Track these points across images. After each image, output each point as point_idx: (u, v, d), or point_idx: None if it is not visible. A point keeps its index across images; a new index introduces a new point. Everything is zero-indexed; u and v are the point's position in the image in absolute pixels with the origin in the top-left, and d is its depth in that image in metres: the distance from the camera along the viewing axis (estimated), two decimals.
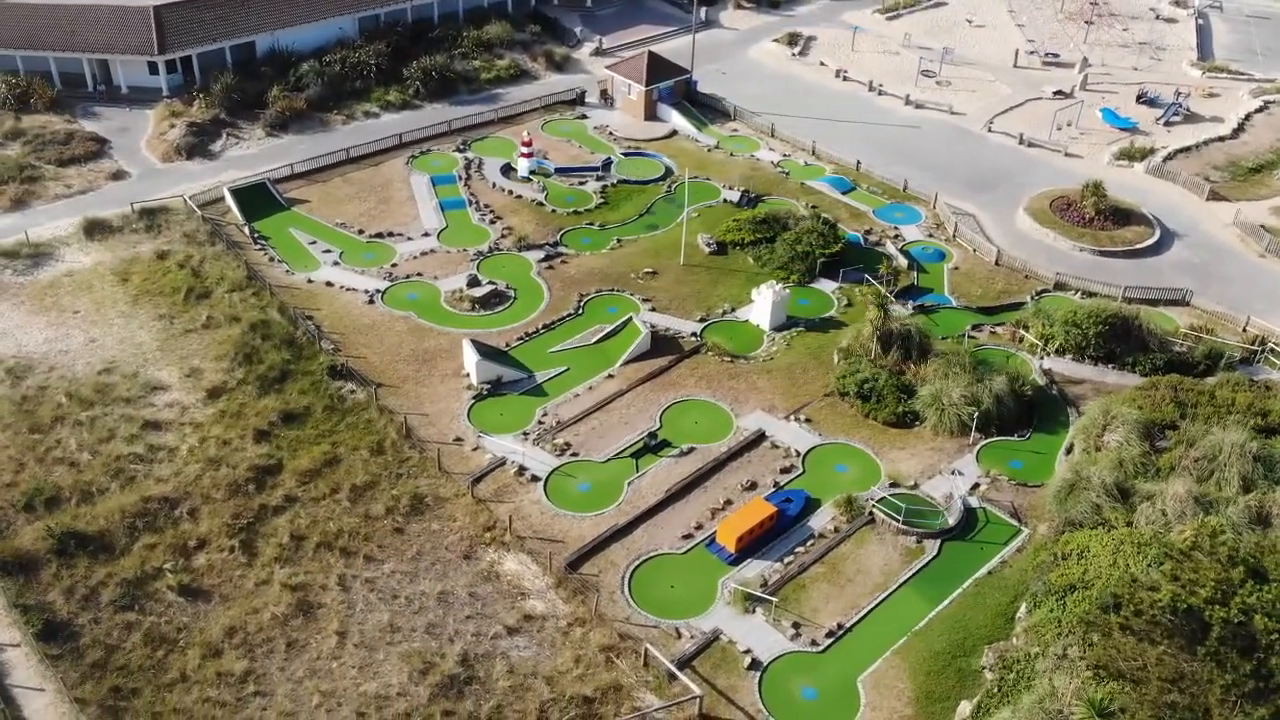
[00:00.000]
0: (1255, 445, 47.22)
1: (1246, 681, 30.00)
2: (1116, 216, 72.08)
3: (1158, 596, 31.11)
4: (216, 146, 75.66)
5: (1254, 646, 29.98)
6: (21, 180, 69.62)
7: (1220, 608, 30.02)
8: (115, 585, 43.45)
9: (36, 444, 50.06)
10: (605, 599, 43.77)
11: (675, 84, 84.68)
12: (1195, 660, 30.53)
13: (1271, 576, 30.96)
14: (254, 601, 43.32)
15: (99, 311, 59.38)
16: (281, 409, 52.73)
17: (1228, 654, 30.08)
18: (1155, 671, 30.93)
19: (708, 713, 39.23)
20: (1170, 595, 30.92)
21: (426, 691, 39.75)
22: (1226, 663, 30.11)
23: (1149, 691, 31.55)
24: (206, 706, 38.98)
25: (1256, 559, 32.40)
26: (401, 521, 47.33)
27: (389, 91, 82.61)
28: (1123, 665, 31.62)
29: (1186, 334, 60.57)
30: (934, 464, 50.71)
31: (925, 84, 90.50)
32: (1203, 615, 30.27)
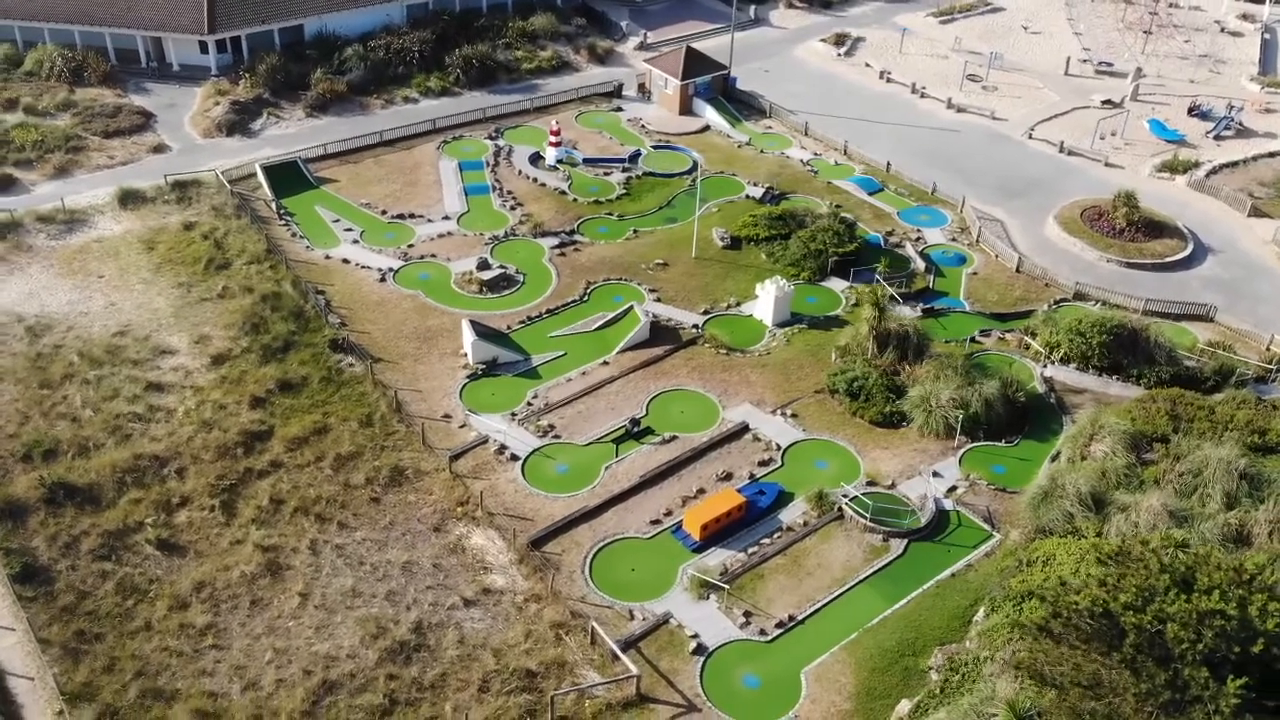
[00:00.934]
0: (1244, 462, 46.00)
1: (1162, 692, 29.40)
2: (1149, 229, 70.52)
3: (1076, 599, 30.63)
4: (256, 125, 77.78)
5: (1171, 656, 29.36)
6: (67, 150, 72.36)
7: (1137, 614, 29.45)
8: (97, 535, 45.13)
9: (44, 399, 52.14)
10: (565, 578, 44.28)
11: (712, 80, 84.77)
12: (1112, 667, 29.99)
13: (1199, 588, 30.26)
14: (226, 559, 44.67)
15: (122, 277, 61.56)
16: (280, 378, 54.17)
17: (1143, 662, 29.51)
18: (1072, 676, 30.46)
19: (646, 693, 39.46)
20: (1089, 599, 30.41)
21: (375, 655, 40.64)
22: (1142, 671, 29.54)
23: (1069, 697, 31.09)
24: (163, 655, 40.33)
25: (1189, 569, 31.67)
26: (379, 492, 48.36)
27: (430, 78, 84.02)
28: (1046, 669, 31.17)
29: (1204, 349, 59.08)
30: (915, 465, 50.28)
31: (970, 88, 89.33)
32: (1119, 621, 29.72)
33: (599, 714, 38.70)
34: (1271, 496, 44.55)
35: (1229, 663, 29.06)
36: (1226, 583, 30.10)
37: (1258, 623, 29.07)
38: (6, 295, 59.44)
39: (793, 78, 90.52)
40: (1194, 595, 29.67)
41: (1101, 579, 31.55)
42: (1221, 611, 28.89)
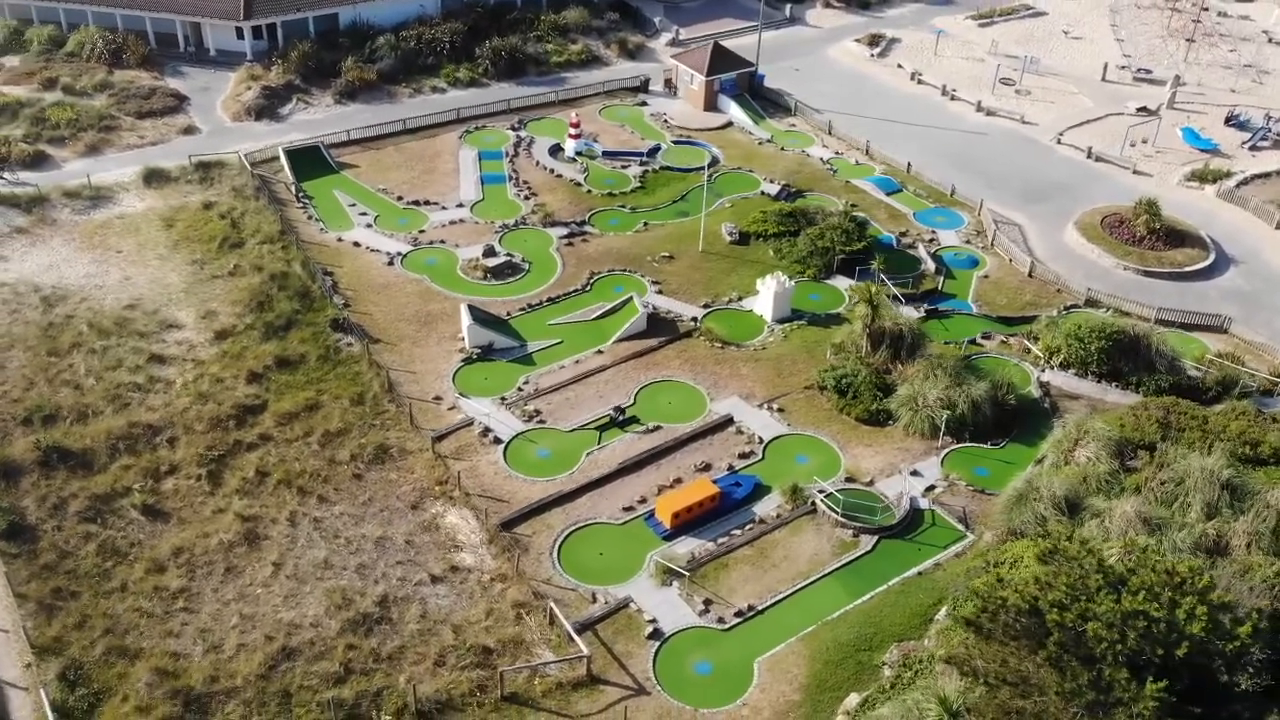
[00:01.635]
0: (1228, 473, 45.15)
1: (1086, 692, 29.11)
2: (1170, 237, 69.35)
3: (1005, 594, 30.43)
4: (285, 110, 79.38)
5: (1095, 656, 29.05)
6: (100, 129, 74.49)
7: (1062, 612, 29.18)
8: (85, 498, 46.53)
9: (50, 366, 53.81)
10: (532, 559, 44.78)
11: (738, 76, 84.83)
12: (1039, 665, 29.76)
13: (1130, 589, 29.87)
14: (207, 527, 45.81)
15: (139, 252, 63.28)
16: (278, 354, 55.35)
17: (1068, 661, 29.23)
18: (999, 673, 30.28)
19: (598, 675, 39.80)
20: (1018, 595, 30.20)
21: (338, 625, 41.45)
22: (1066, 670, 29.27)
23: (999, 694, 30.91)
24: (134, 615, 41.51)
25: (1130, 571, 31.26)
26: (362, 469, 49.24)
27: (459, 69, 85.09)
28: (979, 665, 31.01)
29: (1212, 360, 58.00)
30: (896, 463, 50.05)
31: (1003, 92, 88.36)
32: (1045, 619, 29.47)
33: (549, 692, 39.11)
34: (1253, 508, 43.66)
35: (1153, 665, 28.67)
36: (1158, 585, 29.69)
37: (1185, 626, 28.65)
38: (27, 266, 61.37)
39: (823, 77, 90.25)
40: (1123, 596, 29.29)
41: (1037, 576, 31.27)
42: (1145, 613, 28.52)
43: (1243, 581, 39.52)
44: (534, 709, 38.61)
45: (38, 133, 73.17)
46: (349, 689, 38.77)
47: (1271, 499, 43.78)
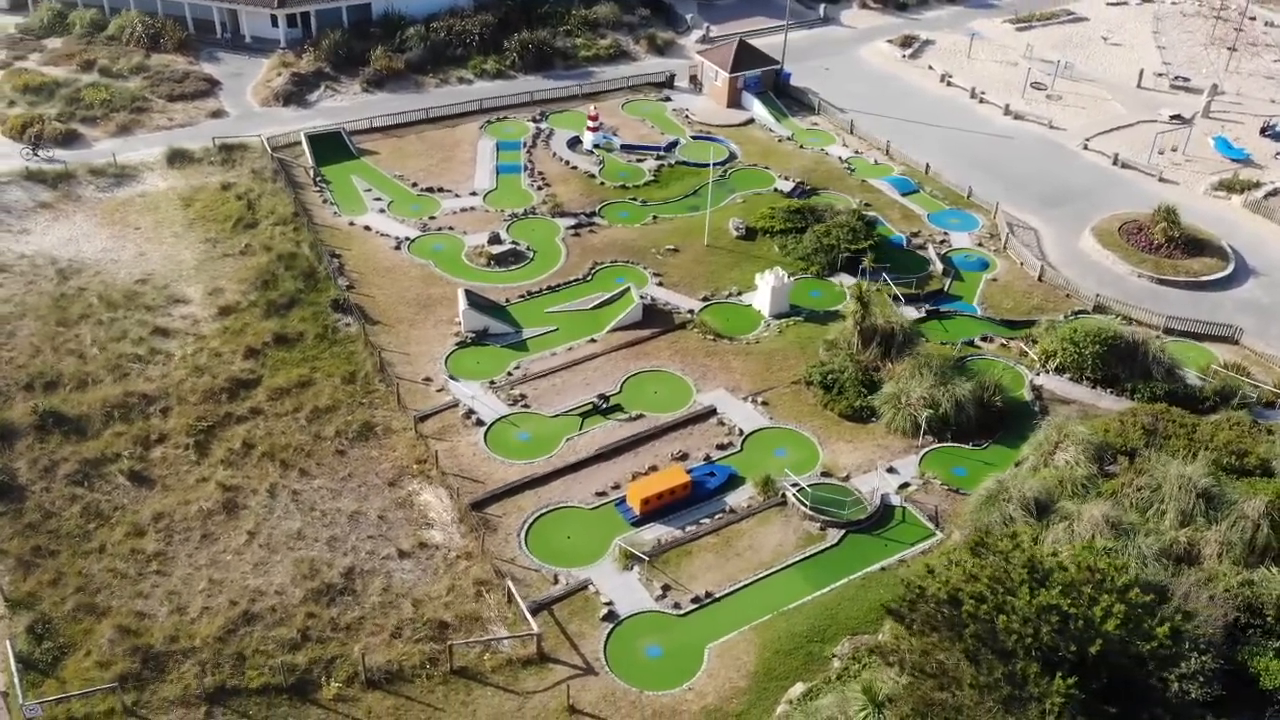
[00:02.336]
0: (1206, 481, 44.38)
1: (1001, 686, 28.95)
2: (1190, 246, 68.17)
3: (927, 583, 30.35)
4: (313, 97, 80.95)
5: (1009, 650, 28.88)
6: (131, 110, 76.59)
7: (978, 604, 29.04)
8: (75, 462, 47.99)
9: (57, 335, 55.53)
10: (500, 539, 45.35)
11: (763, 74, 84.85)
12: (957, 657, 29.65)
13: (1053, 584, 29.60)
14: (189, 495, 47.03)
15: (156, 230, 65.01)
16: (277, 331, 56.55)
17: (984, 654, 29.09)
18: (920, 663, 30.23)
19: (549, 653, 40.25)
20: (937, 586, 30.12)
21: (301, 594, 42.35)
22: (982, 663, 29.13)
23: (922, 686, 30.86)
24: (107, 575, 42.78)
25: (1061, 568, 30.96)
26: (345, 445, 50.18)
27: (487, 60, 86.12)
28: (903, 656, 30.98)
29: (1217, 370, 56.97)
30: (875, 459, 49.87)
31: (1034, 96, 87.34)
32: (962, 611, 29.36)
33: (498, 668, 39.64)
34: (1228, 517, 42.91)
35: (1067, 662, 28.41)
36: (1080, 581, 29.41)
37: (1101, 624, 28.35)
38: (48, 239, 63.36)
39: (852, 77, 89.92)
40: (1040, 591, 29.05)
41: (966, 568, 31.12)
42: (1058, 607, 28.26)
43: (1204, 590, 38.98)
44: (481, 683, 39.14)
45: (71, 112, 75.39)
46: (303, 655, 39.61)
47: (1248, 509, 42.93)
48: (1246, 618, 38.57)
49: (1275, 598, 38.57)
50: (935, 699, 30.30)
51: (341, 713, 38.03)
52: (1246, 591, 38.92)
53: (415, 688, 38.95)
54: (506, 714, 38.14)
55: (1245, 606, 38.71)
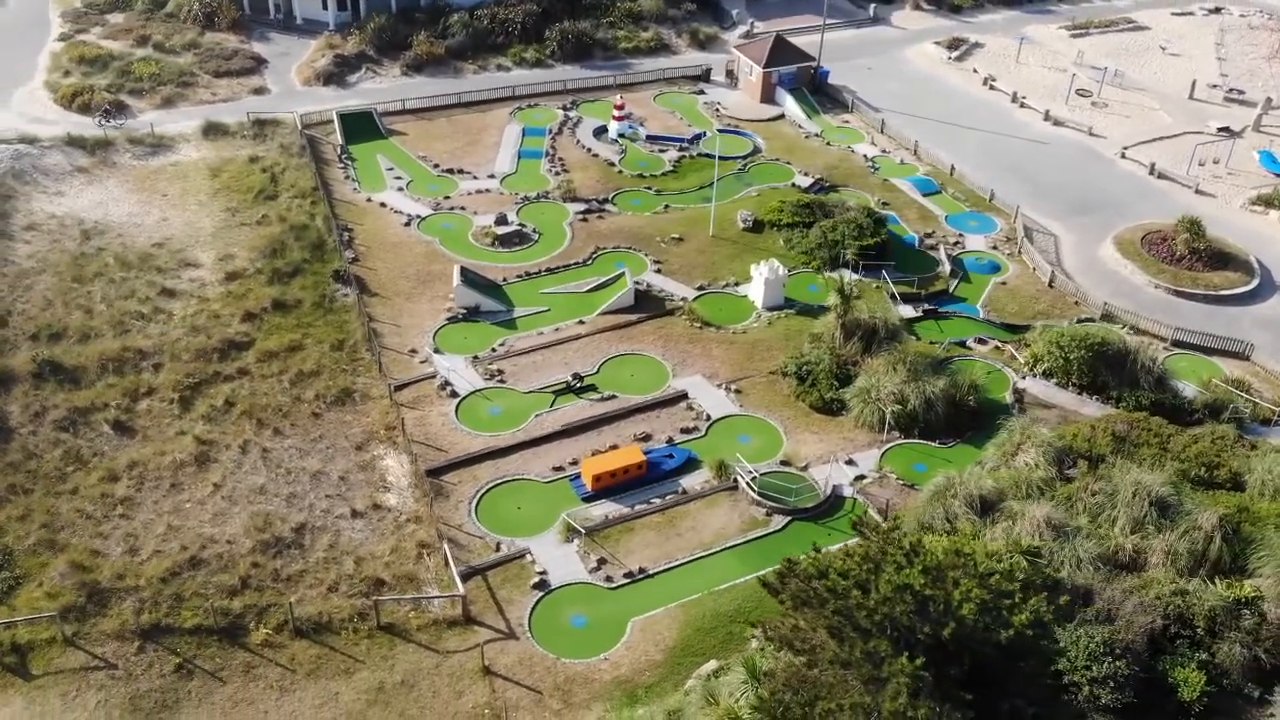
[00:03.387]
0: (1165, 490, 43.38)
1: (862, 664, 28.90)
2: (1214, 259, 66.38)
3: (799, 558, 30.43)
4: (353, 78, 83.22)
5: (868, 628, 28.79)
6: (178, 84, 79.72)
7: (840, 579, 29.03)
8: (65, 409, 50.36)
9: (71, 291, 58.21)
10: (451, 506, 46.35)
11: (799, 71, 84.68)
12: (820, 633, 29.70)
13: (915, 566, 29.28)
14: (165, 446, 49.00)
15: (182, 197, 67.65)
16: (277, 297, 58.47)
17: (846, 631, 29.05)
18: (791, 638, 30.35)
19: (476, 616, 41.09)
20: (808, 562, 30.18)
21: (251, 544, 43.88)
22: (845, 640, 29.11)
23: (794, 661, 30.98)
24: (74, 515, 44.87)
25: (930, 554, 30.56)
26: (322, 408, 51.72)
27: (527, 49, 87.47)
28: (781, 632, 31.09)
29: (1217, 384, 55.43)
30: (836, 451, 49.70)
31: (1078, 103, 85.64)
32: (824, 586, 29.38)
33: (424, 627, 40.61)
34: (1179, 527, 41.90)
35: (922, 644, 28.22)
36: (946, 565, 29.19)
37: (958, 608, 28.10)
38: (79, 202, 66.37)
39: (894, 77, 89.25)
40: (900, 571, 28.88)
41: (847, 549, 31.08)
42: (911, 587, 28.08)
43: (1134, 596, 38.22)
44: (405, 640, 40.14)
45: (121, 84, 78.72)
46: (239, 601, 41.08)
47: (1202, 520, 41.87)
48: (1177, 628, 37.70)
49: (1207, 610, 37.58)
50: (806, 676, 30.34)
51: (266, 658, 39.34)
52: (1178, 601, 38.05)
53: (341, 640, 40.12)
54: (423, 671, 39.07)
55: (1176, 616, 37.85)
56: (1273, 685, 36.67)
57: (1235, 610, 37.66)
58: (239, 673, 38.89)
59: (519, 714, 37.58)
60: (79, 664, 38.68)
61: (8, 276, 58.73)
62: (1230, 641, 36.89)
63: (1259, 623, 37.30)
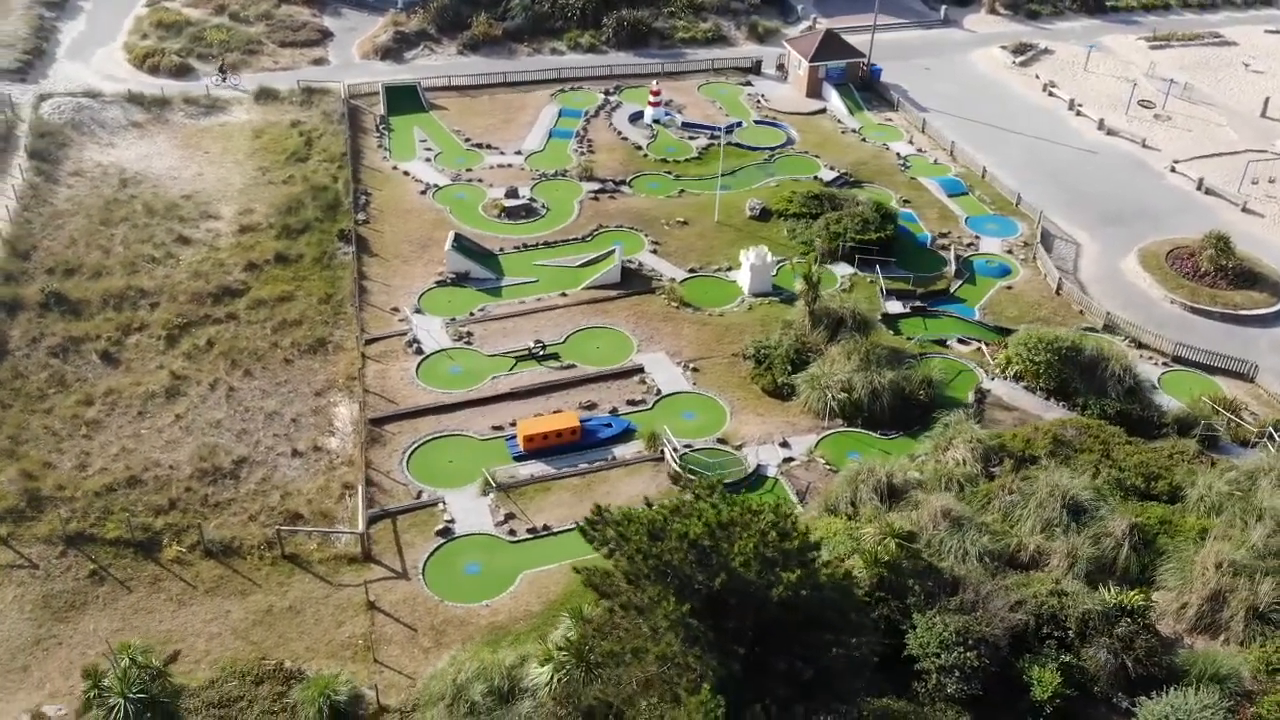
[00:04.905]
0: (1086, 495, 42.29)
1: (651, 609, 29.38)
2: (1241, 277, 63.87)
3: (613, 515, 31.03)
4: (409, 54, 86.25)
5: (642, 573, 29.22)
6: (244, 51, 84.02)
7: (632, 526, 29.52)
8: (61, 337, 54.05)
9: (96, 232, 62.22)
10: (386, 454, 48.15)
11: (848, 67, 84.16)
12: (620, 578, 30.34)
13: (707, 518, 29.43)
14: (142, 378, 52.17)
15: (221, 155, 71.45)
16: (281, 251, 61.36)
17: (639, 576, 29.55)
18: (603, 585, 31.05)
19: (377, 556, 42.74)
20: (618, 511, 30.77)
21: (190, 471, 46.52)
22: (638, 585, 29.64)
23: (612, 614, 31.68)
24: (41, 431, 48.28)
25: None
26: (295, 355, 54.22)
27: (583, 34, 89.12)
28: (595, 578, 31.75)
29: (1205, 401, 53.39)
30: (775, 433, 49.71)
31: (1138, 114, 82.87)
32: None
33: (325, 560, 42.45)
34: (1089, 531, 40.82)
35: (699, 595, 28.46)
36: (731, 522, 29.39)
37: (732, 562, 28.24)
38: (126, 154, 70.76)
39: (951, 78, 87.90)
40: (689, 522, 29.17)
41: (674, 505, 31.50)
42: (691, 538, 28.32)
43: (1010, 593, 37.51)
44: (304, 570, 42.04)
45: (191, 48, 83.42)
46: (162, 520, 43.63)
47: (1113, 527, 40.70)
48: (1050, 628, 36.84)
49: (1080, 613, 36.60)
50: (614, 621, 31.02)
51: (173, 573, 41.75)
52: (1054, 602, 37.14)
53: (245, 564, 42.25)
54: (313, 599, 40.87)
55: (1050, 617, 36.96)
56: (1143, 695, 35.47)
57: (1113, 617, 36.49)
58: (145, 584, 41.35)
59: (389, 647, 39.02)
60: (5, 560, 41.72)
61: (43, 216, 63.09)
62: (1098, 647, 35.80)
63: (1136, 632, 36.09)
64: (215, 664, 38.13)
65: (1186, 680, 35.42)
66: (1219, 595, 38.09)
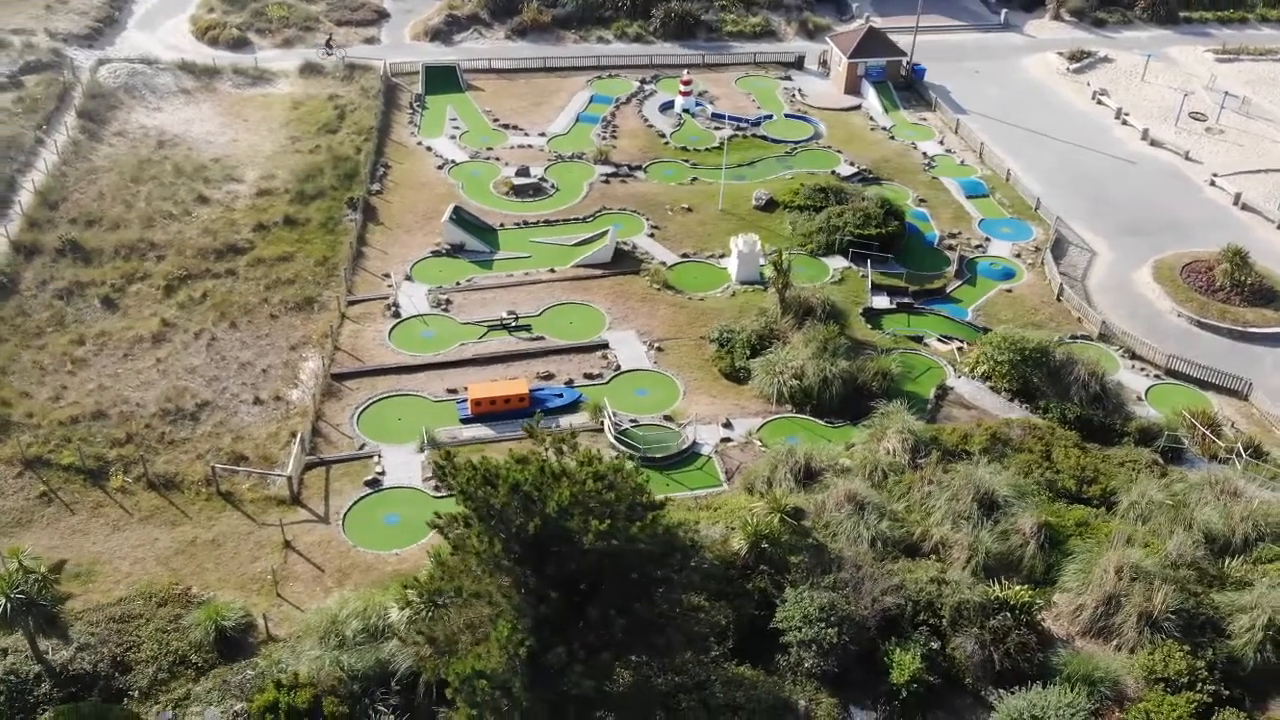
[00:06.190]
0: (1006, 492, 41.68)
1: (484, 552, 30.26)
2: (1258, 294, 61.75)
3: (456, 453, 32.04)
4: (458, 37, 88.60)
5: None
6: (300, 28, 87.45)
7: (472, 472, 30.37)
8: (67, 281, 57.39)
9: (125, 188, 65.75)
10: (340, 407, 50.01)
11: (888, 64, 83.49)
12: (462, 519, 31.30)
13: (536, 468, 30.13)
14: (134, 323, 55.11)
15: (258, 124, 74.66)
16: (291, 214, 63.95)
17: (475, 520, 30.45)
18: (445, 526, 32.01)
19: (304, 500, 44.53)
20: (464, 460, 31.68)
21: (154, 409, 49.05)
22: (473, 526, 30.55)
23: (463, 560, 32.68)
24: (29, 364, 51.43)
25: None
26: (281, 312, 56.55)
27: (631, 24, 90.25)
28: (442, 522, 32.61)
29: (1184, 415, 51.88)
30: (721, 414, 50.00)
31: (1189, 126, 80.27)
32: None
33: (256, 500, 44.39)
34: (996, 527, 40.26)
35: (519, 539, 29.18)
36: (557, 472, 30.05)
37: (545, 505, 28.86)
38: (170, 118, 74.52)
39: (999, 82, 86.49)
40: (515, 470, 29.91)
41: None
42: (518, 486, 28.99)
43: (892, 578, 37.37)
44: (235, 508, 44.05)
45: (250, 23, 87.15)
46: (115, 452, 46.15)
47: (1021, 524, 40.07)
48: (927, 615, 36.56)
49: (954, 603, 36.20)
50: (454, 563, 32.02)
51: (115, 501, 44.18)
52: (931, 589, 36.81)
53: (183, 497, 44.46)
54: (235, 535, 42.82)
55: (926, 604, 36.67)
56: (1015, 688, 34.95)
57: (990, 610, 36.01)
58: (89, 508, 43.85)
59: (293, 583, 40.68)
60: None
61: (79, 170, 66.96)
62: (967, 637, 35.37)
63: (1010, 626, 35.53)
64: (132, 585, 40.25)
65: (1057, 680, 34.68)
66: (1114, 599, 37.13)
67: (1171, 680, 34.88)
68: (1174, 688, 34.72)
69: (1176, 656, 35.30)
